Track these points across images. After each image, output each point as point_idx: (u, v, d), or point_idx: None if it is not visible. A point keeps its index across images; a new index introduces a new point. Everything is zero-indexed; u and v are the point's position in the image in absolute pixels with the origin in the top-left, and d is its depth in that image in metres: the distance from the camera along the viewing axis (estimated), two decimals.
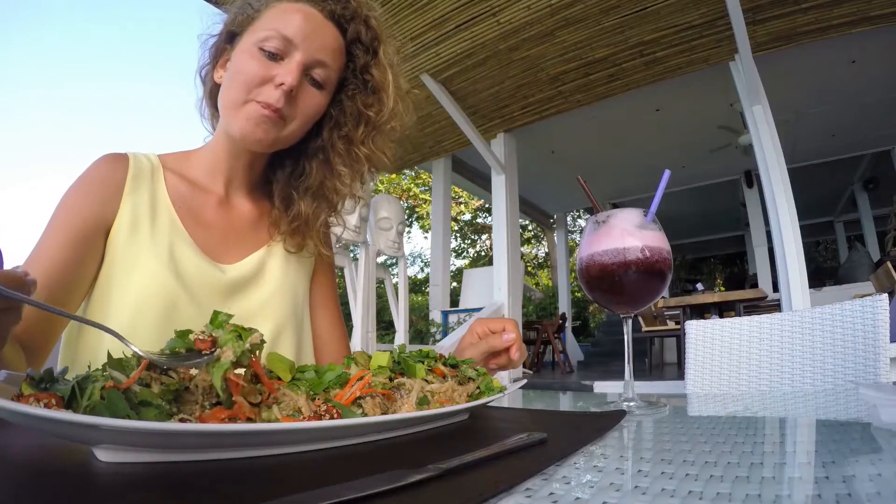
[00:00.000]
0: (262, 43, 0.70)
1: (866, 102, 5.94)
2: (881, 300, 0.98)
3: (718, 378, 1.15)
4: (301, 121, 0.74)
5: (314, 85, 0.74)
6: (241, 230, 0.80)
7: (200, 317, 0.68)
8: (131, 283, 0.67)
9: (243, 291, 0.76)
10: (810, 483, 0.27)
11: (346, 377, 0.42)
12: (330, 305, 0.90)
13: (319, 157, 0.81)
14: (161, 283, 0.68)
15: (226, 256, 0.77)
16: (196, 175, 0.80)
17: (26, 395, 0.29)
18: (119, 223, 0.70)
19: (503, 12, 4.17)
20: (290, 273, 0.82)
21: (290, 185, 0.83)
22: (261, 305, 0.77)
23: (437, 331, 6.11)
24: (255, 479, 0.28)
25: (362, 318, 3.94)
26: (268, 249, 0.81)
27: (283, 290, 0.80)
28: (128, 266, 0.69)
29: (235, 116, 0.71)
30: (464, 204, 17.01)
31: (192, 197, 0.77)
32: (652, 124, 6.44)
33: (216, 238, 0.77)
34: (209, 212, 0.78)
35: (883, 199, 7.99)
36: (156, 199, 0.74)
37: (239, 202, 0.82)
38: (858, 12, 4.10)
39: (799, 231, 4.01)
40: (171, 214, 0.74)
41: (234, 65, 0.72)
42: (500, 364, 0.76)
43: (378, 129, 0.81)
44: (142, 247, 0.70)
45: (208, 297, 0.72)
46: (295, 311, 0.81)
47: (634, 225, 0.61)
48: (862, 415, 0.54)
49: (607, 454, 0.35)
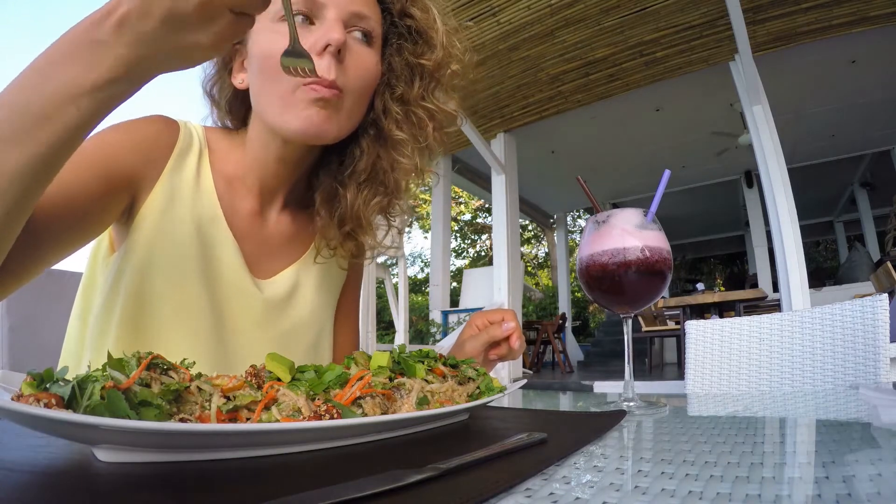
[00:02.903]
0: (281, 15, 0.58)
1: (866, 102, 5.94)
2: (881, 300, 0.98)
3: (718, 378, 1.15)
4: (359, 89, 0.61)
5: (361, 41, 0.62)
6: (277, 241, 0.72)
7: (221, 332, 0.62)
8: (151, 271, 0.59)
9: (278, 312, 0.69)
10: (810, 483, 0.27)
11: (346, 377, 0.42)
12: (352, 320, 0.84)
13: (370, 133, 0.67)
14: (181, 285, 0.60)
15: (261, 271, 0.69)
16: (236, 169, 0.68)
17: (26, 395, 0.29)
18: (153, 200, 0.60)
19: (503, 12, 4.17)
20: (323, 291, 0.76)
21: (334, 180, 0.69)
22: (295, 327, 0.71)
23: (437, 331, 6.11)
24: (255, 479, 0.28)
25: (362, 318, 3.94)
26: (303, 262, 0.74)
27: (316, 309, 0.74)
28: (153, 251, 0.59)
29: (286, 112, 0.59)
30: (464, 204, 17.01)
31: (232, 196, 0.67)
32: (652, 124, 6.44)
33: (252, 247, 0.68)
34: (246, 215, 0.69)
35: (883, 199, 7.99)
36: (200, 184, 0.64)
37: (273, 216, 0.72)
38: (858, 12, 4.10)
39: (799, 231, 4.01)
40: (215, 208, 0.64)
41: (258, 52, 0.60)
42: (501, 354, 0.75)
43: (436, 79, 0.68)
44: (172, 234, 0.60)
45: (241, 312, 0.65)
46: (324, 329, 0.76)
47: (634, 225, 0.61)
48: (862, 415, 0.54)
49: (607, 454, 0.35)
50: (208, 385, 0.35)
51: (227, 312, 0.64)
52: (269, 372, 0.41)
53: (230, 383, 0.36)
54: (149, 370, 0.34)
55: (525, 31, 4.39)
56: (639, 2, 4.07)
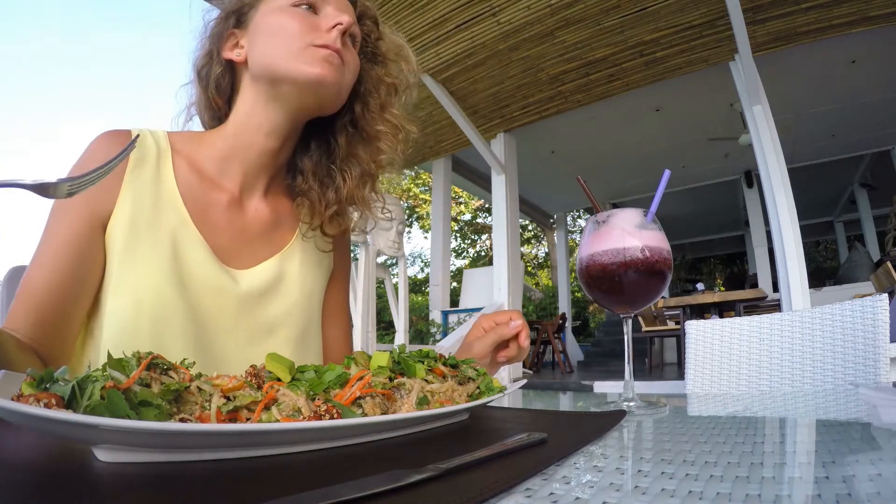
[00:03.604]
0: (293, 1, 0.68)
1: (866, 102, 5.94)
2: (881, 300, 0.98)
3: (718, 378, 1.15)
4: (352, 71, 0.71)
5: (351, 39, 0.72)
6: (255, 232, 0.73)
7: (201, 333, 0.63)
8: (124, 291, 0.60)
9: (258, 303, 0.69)
10: (810, 483, 0.27)
11: (346, 377, 0.42)
12: (342, 314, 0.85)
13: (349, 129, 0.77)
14: (157, 293, 0.60)
15: (237, 261, 0.70)
16: (207, 164, 0.71)
17: (26, 395, 0.29)
18: (116, 217, 0.63)
19: (503, 12, 4.17)
20: (307, 280, 0.76)
21: (322, 164, 0.77)
22: (279, 318, 0.71)
23: (437, 331, 6.11)
24: (255, 479, 0.28)
25: (362, 318, 3.95)
26: (286, 253, 0.74)
27: (302, 300, 0.74)
28: (125, 269, 0.61)
29: (298, 63, 0.65)
30: (464, 204, 17.01)
31: (203, 190, 0.69)
32: (652, 124, 6.44)
33: (227, 240, 0.69)
34: (220, 209, 0.70)
35: (883, 199, 7.99)
36: (161, 189, 0.66)
37: (253, 200, 0.74)
38: (858, 12, 4.10)
39: (799, 231, 4.01)
40: (179, 209, 0.66)
41: (269, 25, 0.67)
42: (509, 356, 0.75)
43: (393, 93, 0.79)
44: (140, 246, 0.62)
45: (216, 308, 0.65)
46: (309, 324, 0.75)
47: (634, 225, 0.61)
48: (862, 415, 0.54)
49: (607, 454, 0.35)
50: (208, 385, 0.35)
51: (203, 308, 0.64)
52: (269, 372, 0.41)
53: (230, 383, 0.36)
54: (149, 370, 0.34)
55: (525, 31, 4.39)
56: (639, 2, 4.06)
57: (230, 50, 0.71)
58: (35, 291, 0.60)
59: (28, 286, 0.60)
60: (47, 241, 0.62)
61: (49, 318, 0.60)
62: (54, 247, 0.61)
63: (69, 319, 0.61)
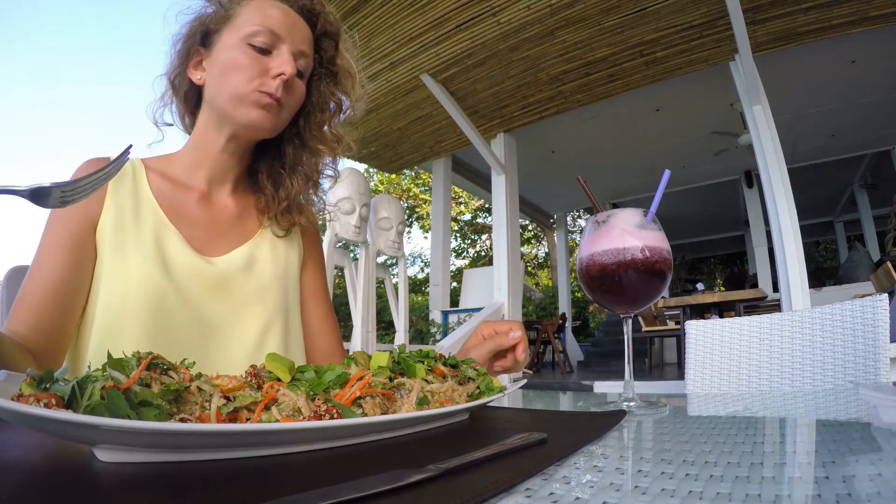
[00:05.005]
0: (250, 39, 0.74)
1: (866, 102, 5.94)
2: (881, 300, 0.98)
3: (718, 378, 1.15)
4: (291, 107, 0.80)
5: (297, 75, 0.78)
6: (226, 225, 0.83)
7: (189, 309, 0.72)
8: (117, 279, 0.69)
9: (234, 282, 0.78)
10: (810, 483, 0.27)
11: (346, 377, 0.42)
12: (320, 298, 0.92)
13: (296, 142, 0.87)
14: (147, 278, 0.69)
15: (212, 250, 0.79)
16: (178, 174, 0.82)
17: (26, 395, 0.29)
18: (104, 221, 0.73)
19: (503, 12, 4.17)
20: (279, 262, 0.85)
21: (275, 168, 0.88)
22: (253, 295, 0.79)
23: (437, 331, 6.11)
24: (255, 479, 0.28)
25: (362, 318, 3.94)
26: (255, 241, 0.84)
27: (274, 279, 0.82)
28: (116, 263, 0.71)
29: (240, 107, 0.74)
30: (464, 204, 17.01)
31: (175, 194, 0.80)
32: (652, 124, 6.44)
33: (201, 233, 0.79)
34: (192, 208, 0.80)
35: (883, 199, 7.99)
36: (139, 197, 0.77)
37: (221, 198, 0.84)
38: (858, 12, 4.10)
39: (799, 231, 4.01)
40: (156, 210, 0.76)
41: (225, 61, 0.75)
42: (505, 366, 0.76)
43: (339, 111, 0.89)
44: (127, 243, 0.72)
45: (198, 289, 0.74)
46: (286, 301, 0.83)
47: (634, 225, 0.61)
48: (862, 415, 0.54)
49: (607, 454, 0.35)
50: (208, 385, 0.35)
51: (186, 286, 0.73)
52: (269, 372, 0.41)
53: (230, 383, 0.36)
54: (149, 370, 0.34)
55: (525, 31, 4.39)
56: (639, 2, 4.06)
57: (194, 69, 0.79)
58: (36, 288, 0.67)
59: (30, 284, 0.68)
60: (47, 242, 0.71)
61: (48, 316, 0.66)
62: (52, 254, 0.70)
63: (68, 315, 0.69)
